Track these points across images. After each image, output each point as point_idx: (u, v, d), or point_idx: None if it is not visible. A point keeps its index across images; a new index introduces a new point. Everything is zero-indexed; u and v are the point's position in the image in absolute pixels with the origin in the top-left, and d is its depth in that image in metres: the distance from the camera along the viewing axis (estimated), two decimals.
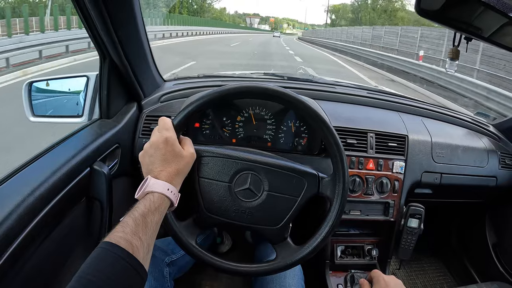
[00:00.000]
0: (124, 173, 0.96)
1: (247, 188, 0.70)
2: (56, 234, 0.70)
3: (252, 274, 0.71)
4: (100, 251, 0.48)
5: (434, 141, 1.15)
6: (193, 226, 0.72)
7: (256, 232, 0.73)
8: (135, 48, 0.90)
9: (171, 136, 0.63)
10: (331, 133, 0.72)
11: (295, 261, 0.70)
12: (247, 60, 11.42)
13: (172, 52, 11.17)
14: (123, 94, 0.99)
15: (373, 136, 1.07)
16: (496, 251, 1.38)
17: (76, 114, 0.94)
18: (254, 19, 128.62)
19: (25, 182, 0.64)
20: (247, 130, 0.99)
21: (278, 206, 0.71)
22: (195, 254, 0.70)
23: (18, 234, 0.58)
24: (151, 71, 1.06)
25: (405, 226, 1.09)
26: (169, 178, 0.61)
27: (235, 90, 0.70)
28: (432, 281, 1.57)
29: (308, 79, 1.36)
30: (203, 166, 0.70)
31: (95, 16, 0.73)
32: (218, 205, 0.70)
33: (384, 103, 1.25)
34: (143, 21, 0.89)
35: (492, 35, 0.82)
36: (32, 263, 0.63)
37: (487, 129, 1.35)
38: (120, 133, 0.93)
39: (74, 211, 0.77)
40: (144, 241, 0.51)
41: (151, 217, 0.55)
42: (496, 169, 1.22)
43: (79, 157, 0.76)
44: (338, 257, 1.13)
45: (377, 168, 1.06)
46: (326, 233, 0.71)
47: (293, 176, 0.71)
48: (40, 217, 0.63)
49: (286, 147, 1.00)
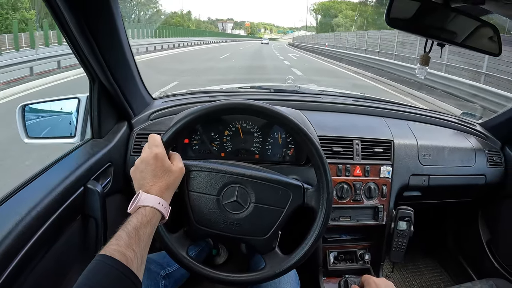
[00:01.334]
0: (117, 190, 0.98)
1: (234, 200, 0.72)
2: (54, 252, 0.73)
3: (242, 283, 0.74)
4: (95, 263, 0.51)
5: (420, 144, 1.17)
6: (184, 238, 0.75)
7: (245, 243, 0.76)
8: (123, 70, 0.93)
9: (160, 152, 0.66)
10: (313, 145, 0.74)
11: (283, 270, 0.73)
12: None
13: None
14: (114, 113, 1.01)
15: (358, 143, 1.09)
16: (490, 248, 1.39)
17: (69, 135, 0.97)
18: (227, 24, 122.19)
19: (22, 203, 0.67)
20: (235, 144, 1.02)
21: (265, 217, 0.73)
22: (186, 265, 0.72)
23: (17, 252, 0.60)
24: (140, 90, 1.09)
25: (396, 229, 1.10)
26: (159, 192, 0.63)
27: (221, 107, 0.73)
28: (429, 282, 1.58)
29: (294, 90, 1.39)
30: (192, 180, 0.73)
31: (82, 42, 0.76)
32: (208, 217, 0.73)
33: (369, 110, 1.27)
34: (128, 44, 0.92)
35: (466, 39, 0.84)
36: (30, 280, 0.66)
37: (473, 129, 1.37)
38: (112, 152, 0.95)
39: (70, 229, 0.80)
40: (138, 252, 0.54)
41: (144, 230, 0.57)
42: (485, 167, 1.24)
43: (73, 177, 0.78)
44: (331, 263, 1.14)
45: (364, 174, 1.08)
46: (312, 242, 0.73)
47: (279, 188, 0.74)
48: (38, 235, 0.65)
49: (274, 158, 1.03)
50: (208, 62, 13.03)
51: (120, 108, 1.01)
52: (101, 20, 0.76)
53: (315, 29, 66.61)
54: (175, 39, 24.25)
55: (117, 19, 0.81)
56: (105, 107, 0.95)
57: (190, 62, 13.35)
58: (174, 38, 24.50)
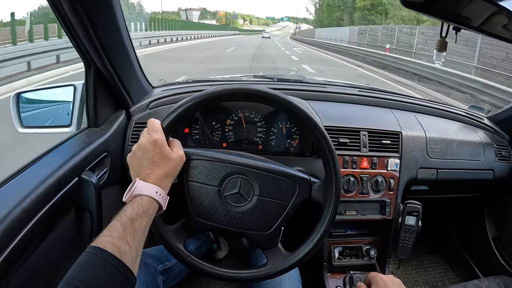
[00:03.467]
0: (113, 182, 0.94)
1: (236, 192, 0.68)
2: (45, 246, 0.69)
3: (241, 281, 0.70)
4: (87, 256, 0.47)
5: (428, 136, 1.14)
6: (181, 230, 0.70)
7: (246, 238, 0.72)
8: (120, 55, 0.89)
9: (159, 138, 0.62)
10: (322, 136, 0.70)
11: (286, 268, 0.69)
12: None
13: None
14: (111, 102, 0.98)
15: (366, 134, 1.06)
16: (497, 245, 1.37)
17: (65, 124, 0.93)
18: (192, 12, 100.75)
19: (11, 194, 0.63)
20: (238, 134, 0.98)
21: (269, 211, 0.69)
22: (182, 259, 0.69)
23: (5, 247, 0.56)
24: (138, 77, 1.05)
25: (403, 224, 1.07)
26: (157, 180, 0.60)
27: (225, 91, 0.69)
28: (434, 278, 1.56)
29: (298, 79, 1.35)
30: (192, 169, 0.69)
31: (76, 23, 0.72)
32: (207, 210, 0.69)
33: (376, 101, 1.24)
34: (126, 28, 0.88)
35: (482, 24, 0.80)
36: (20, 277, 0.62)
37: (482, 122, 1.34)
38: (109, 142, 0.91)
39: (63, 222, 0.76)
40: (133, 245, 0.50)
41: (139, 221, 0.54)
42: (493, 162, 1.21)
43: (67, 167, 0.74)
44: (336, 258, 1.11)
45: (371, 166, 1.05)
46: (318, 239, 0.69)
47: (284, 181, 0.70)
48: (27, 229, 0.61)
49: (278, 149, 0.99)
50: None
51: (118, 96, 0.97)
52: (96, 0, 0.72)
53: (313, 22, 62.34)
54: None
55: (114, 1, 0.76)
56: (101, 95, 0.91)
57: None
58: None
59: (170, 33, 21.81)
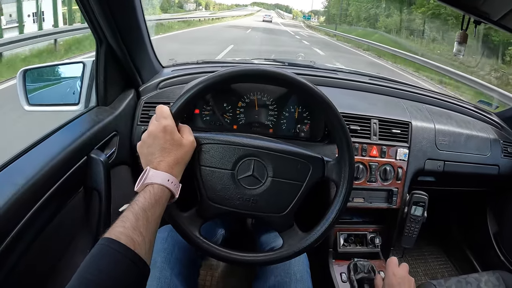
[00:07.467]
0: (122, 161, 0.94)
1: (250, 174, 0.67)
2: (53, 226, 0.68)
3: (260, 264, 0.69)
4: (100, 248, 0.46)
5: (437, 128, 1.14)
6: (196, 217, 0.69)
7: (262, 220, 0.71)
8: (134, 33, 0.88)
9: (169, 124, 0.61)
10: (336, 116, 0.69)
11: (302, 249, 0.68)
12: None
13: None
14: (120, 80, 0.96)
15: (376, 122, 1.05)
16: (497, 240, 1.38)
17: (73, 102, 0.91)
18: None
19: (19, 173, 0.62)
20: (249, 116, 0.97)
21: (283, 192, 0.69)
22: (200, 246, 0.68)
23: (12, 228, 0.55)
24: (149, 57, 1.03)
25: (409, 213, 1.08)
26: (169, 168, 0.58)
27: (238, 73, 0.67)
28: (433, 270, 1.57)
29: (309, 65, 1.33)
30: (204, 154, 0.67)
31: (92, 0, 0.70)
32: (222, 194, 0.68)
33: (387, 90, 1.23)
34: (141, 6, 0.86)
35: (501, 19, 0.79)
36: (27, 257, 0.61)
37: (490, 118, 1.34)
38: (118, 120, 0.90)
39: (71, 202, 0.75)
40: (146, 236, 0.49)
41: (152, 210, 0.52)
42: (499, 158, 1.21)
43: (75, 145, 0.73)
44: (341, 245, 1.12)
45: (380, 155, 1.04)
46: (333, 218, 0.69)
47: (298, 161, 0.69)
48: (35, 208, 0.60)
49: (288, 134, 0.98)
50: None
51: (128, 75, 0.96)
52: None
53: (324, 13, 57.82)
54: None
55: None
56: (112, 73, 0.90)
57: None
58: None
59: None
